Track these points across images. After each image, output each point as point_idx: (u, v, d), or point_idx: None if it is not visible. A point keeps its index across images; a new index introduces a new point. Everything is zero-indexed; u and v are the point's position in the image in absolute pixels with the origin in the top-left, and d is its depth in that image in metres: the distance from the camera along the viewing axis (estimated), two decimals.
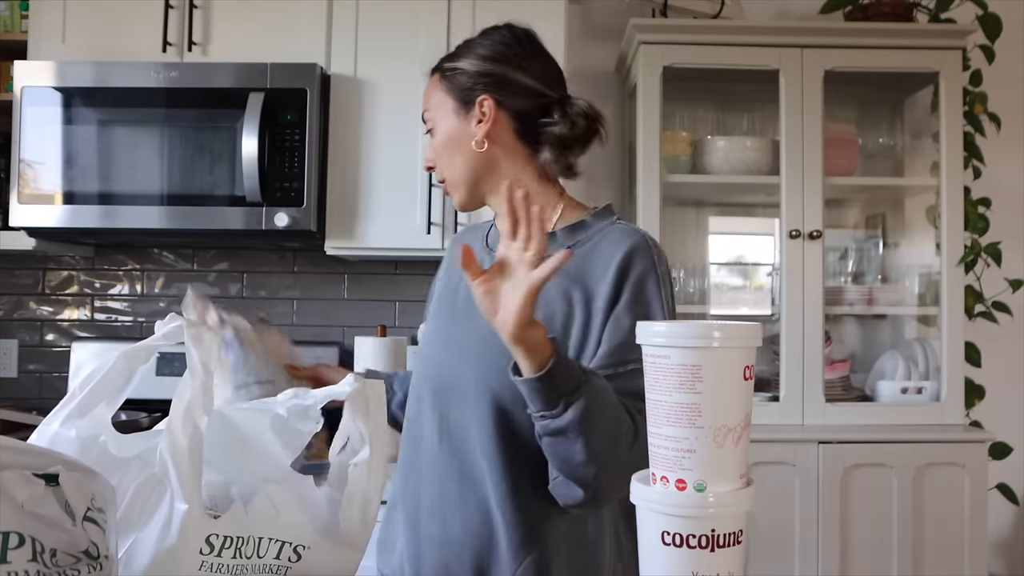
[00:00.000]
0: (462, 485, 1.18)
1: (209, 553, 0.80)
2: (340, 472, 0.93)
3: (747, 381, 0.78)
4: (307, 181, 2.25)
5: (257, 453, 0.90)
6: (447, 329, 1.29)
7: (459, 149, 1.25)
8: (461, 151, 1.25)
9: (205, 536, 0.80)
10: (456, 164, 1.25)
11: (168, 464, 0.80)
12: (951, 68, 2.38)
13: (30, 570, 0.67)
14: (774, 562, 2.23)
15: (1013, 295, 2.52)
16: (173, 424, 0.82)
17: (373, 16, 2.37)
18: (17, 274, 2.72)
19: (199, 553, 0.79)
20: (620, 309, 1.14)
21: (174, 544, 0.79)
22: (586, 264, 1.18)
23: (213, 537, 0.80)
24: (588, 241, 1.21)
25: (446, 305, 1.32)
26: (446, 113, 1.25)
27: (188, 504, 0.79)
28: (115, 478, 0.84)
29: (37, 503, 0.69)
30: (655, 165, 2.36)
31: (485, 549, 1.15)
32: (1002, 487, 2.51)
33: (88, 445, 0.86)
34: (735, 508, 0.77)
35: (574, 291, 1.17)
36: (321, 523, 0.89)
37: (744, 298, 2.76)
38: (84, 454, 0.85)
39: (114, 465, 0.86)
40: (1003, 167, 2.70)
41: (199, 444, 0.82)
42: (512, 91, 1.24)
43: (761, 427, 1.83)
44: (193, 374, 0.84)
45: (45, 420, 0.88)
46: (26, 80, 2.28)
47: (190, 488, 0.80)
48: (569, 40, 2.39)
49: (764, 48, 2.38)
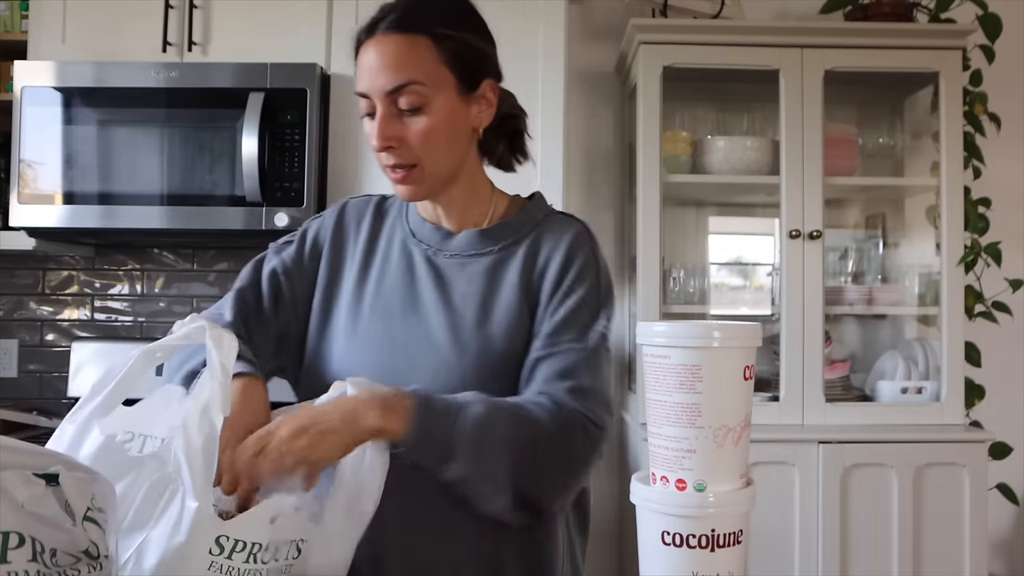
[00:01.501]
0: (419, 498, 1.04)
1: (219, 554, 0.80)
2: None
3: (747, 381, 0.78)
4: (307, 181, 2.25)
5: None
6: (381, 329, 1.12)
7: (455, 136, 1.09)
8: (457, 139, 1.10)
9: (215, 536, 0.80)
10: (445, 153, 1.09)
11: (182, 462, 0.81)
12: (951, 68, 2.38)
13: (30, 570, 0.66)
14: (774, 562, 2.23)
15: (1013, 295, 2.52)
16: (189, 423, 0.82)
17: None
18: (17, 274, 2.72)
19: (208, 553, 0.79)
20: (559, 293, 1.11)
21: (183, 542, 0.79)
22: (531, 257, 1.14)
23: (224, 539, 0.80)
24: (529, 234, 1.15)
25: (367, 297, 1.15)
26: (447, 91, 1.07)
27: (199, 502, 0.79)
28: (130, 476, 0.85)
29: (37, 503, 0.69)
30: (655, 165, 2.36)
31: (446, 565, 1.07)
32: (1002, 487, 2.51)
33: (108, 444, 0.87)
34: (735, 508, 0.77)
35: (527, 285, 1.13)
36: (313, 512, 0.89)
37: (744, 298, 2.76)
38: (105, 452, 0.86)
39: (131, 463, 0.86)
40: (1003, 167, 2.70)
41: (213, 444, 0.82)
42: (499, 77, 1.15)
43: (761, 427, 1.83)
44: (212, 375, 0.85)
45: (67, 418, 0.89)
46: (26, 80, 2.28)
47: (201, 486, 0.80)
48: (569, 40, 2.39)
49: (764, 48, 2.38)
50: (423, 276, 1.14)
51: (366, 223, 1.21)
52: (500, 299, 1.12)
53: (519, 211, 1.18)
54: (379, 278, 1.16)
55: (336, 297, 1.17)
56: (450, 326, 1.10)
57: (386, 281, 1.15)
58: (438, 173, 1.10)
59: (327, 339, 1.15)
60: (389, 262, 1.17)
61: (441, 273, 1.14)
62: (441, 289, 1.13)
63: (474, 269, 1.13)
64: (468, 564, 1.07)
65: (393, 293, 1.14)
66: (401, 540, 1.05)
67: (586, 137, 2.74)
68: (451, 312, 1.11)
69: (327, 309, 1.17)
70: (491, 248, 1.15)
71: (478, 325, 1.10)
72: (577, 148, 2.70)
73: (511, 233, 1.16)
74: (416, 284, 1.14)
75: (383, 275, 1.16)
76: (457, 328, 1.10)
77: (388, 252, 1.18)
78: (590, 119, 2.75)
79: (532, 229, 1.16)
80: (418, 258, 1.16)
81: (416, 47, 1.05)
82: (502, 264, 1.14)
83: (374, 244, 1.19)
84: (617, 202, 2.76)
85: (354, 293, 1.16)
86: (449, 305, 1.11)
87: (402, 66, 1.05)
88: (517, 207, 1.20)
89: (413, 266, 1.15)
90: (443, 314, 1.10)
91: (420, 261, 1.15)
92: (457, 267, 1.14)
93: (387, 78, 1.05)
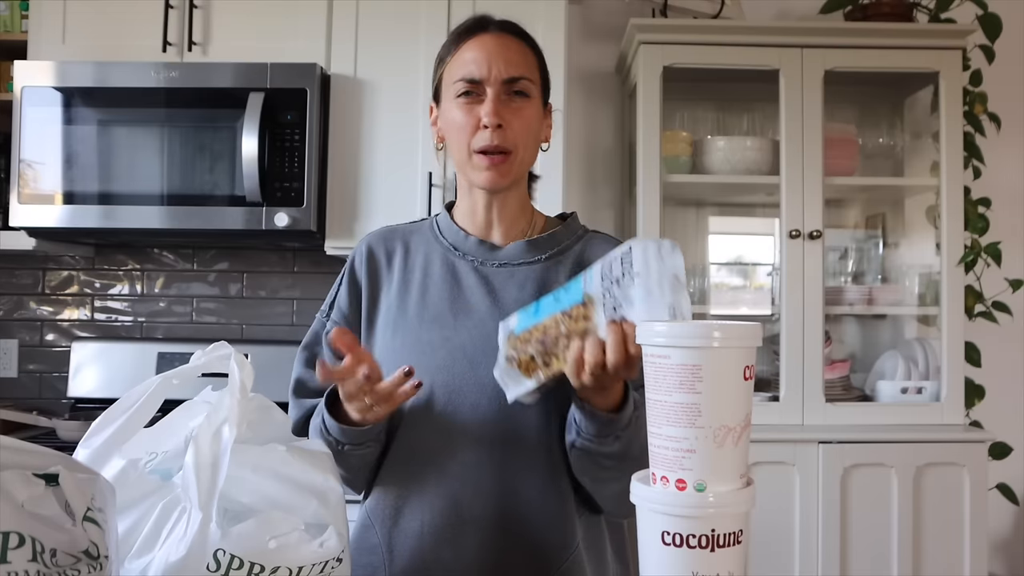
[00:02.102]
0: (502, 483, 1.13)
1: (216, 570, 0.80)
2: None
3: (747, 381, 0.78)
4: (307, 181, 2.25)
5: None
6: (436, 336, 1.18)
7: (537, 137, 1.21)
8: (537, 140, 1.22)
9: (214, 549, 0.80)
10: (533, 148, 1.21)
11: (190, 473, 0.81)
12: (951, 68, 2.38)
13: (30, 570, 0.66)
14: (774, 562, 2.23)
15: (1013, 295, 2.52)
16: (201, 437, 0.83)
17: (373, 16, 2.37)
18: (17, 274, 2.72)
19: (207, 569, 0.79)
20: None
21: (183, 556, 0.79)
22: (581, 267, 1.18)
23: (220, 552, 0.80)
24: (574, 246, 1.24)
25: (412, 308, 1.21)
26: (538, 98, 1.20)
27: (203, 513, 0.80)
28: (151, 499, 0.86)
29: (37, 503, 0.69)
30: (655, 165, 2.36)
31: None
32: (1002, 487, 2.51)
33: (128, 469, 0.88)
34: (735, 508, 0.77)
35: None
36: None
37: (744, 298, 2.76)
38: (125, 477, 0.87)
39: (152, 488, 0.87)
40: (1003, 167, 2.70)
41: (223, 460, 0.82)
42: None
43: (761, 427, 1.83)
44: (232, 392, 0.85)
45: (81, 442, 0.90)
46: (26, 80, 2.28)
47: (206, 499, 0.80)
48: (569, 40, 2.39)
49: (764, 48, 2.38)
50: (471, 285, 1.19)
51: (398, 248, 1.26)
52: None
53: (562, 225, 1.26)
54: (422, 291, 1.21)
55: (376, 317, 1.23)
56: None
57: (431, 292, 1.20)
58: (523, 166, 1.20)
59: (370, 353, 1.20)
60: (431, 276, 1.21)
61: (490, 281, 1.19)
62: (492, 296, 1.18)
63: (524, 275, 1.20)
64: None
65: (441, 302, 1.19)
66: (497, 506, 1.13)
67: (586, 137, 2.74)
68: (505, 314, 1.14)
69: (370, 329, 1.23)
70: (539, 257, 1.21)
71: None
72: (577, 148, 2.70)
73: (556, 244, 1.23)
74: (464, 293, 1.19)
75: (426, 288, 1.21)
76: None
77: (428, 268, 1.22)
78: (590, 119, 2.75)
79: (575, 242, 1.24)
80: (463, 269, 1.21)
81: (527, 54, 1.20)
82: (551, 271, 1.20)
83: (411, 263, 1.24)
84: (617, 202, 2.76)
85: (397, 308, 1.21)
86: (502, 309, 1.16)
87: (520, 63, 1.18)
88: (556, 223, 1.28)
89: (459, 277, 1.20)
90: (498, 318, 1.14)
91: (466, 272, 1.20)
92: (506, 275, 1.20)
93: (508, 67, 1.16)
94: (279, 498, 0.88)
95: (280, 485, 0.88)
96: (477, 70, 1.15)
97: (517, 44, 1.19)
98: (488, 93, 1.15)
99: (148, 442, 0.91)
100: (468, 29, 1.19)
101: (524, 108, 1.17)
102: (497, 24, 1.19)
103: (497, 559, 1.11)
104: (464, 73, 1.16)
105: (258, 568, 0.81)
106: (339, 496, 0.90)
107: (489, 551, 1.11)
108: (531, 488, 1.13)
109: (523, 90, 1.17)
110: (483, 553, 1.11)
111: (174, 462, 0.89)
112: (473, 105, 1.16)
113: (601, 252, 1.20)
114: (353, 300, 1.25)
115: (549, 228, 1.25)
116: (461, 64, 1.17)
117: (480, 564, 1.11)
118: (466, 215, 1.24)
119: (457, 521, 1.12)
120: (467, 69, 1.16)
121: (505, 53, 1.17)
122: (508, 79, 1.16)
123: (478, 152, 1.16)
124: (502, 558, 1.11)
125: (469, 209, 1.24)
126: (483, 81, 1.15)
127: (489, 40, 1.17)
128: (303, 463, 0.89)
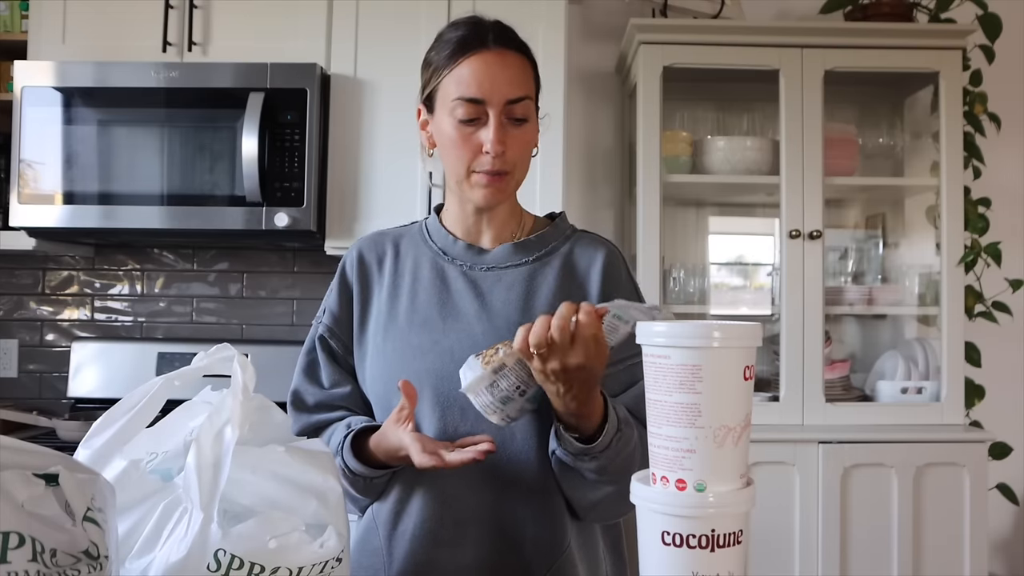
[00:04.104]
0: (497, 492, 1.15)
1: (216, 570, 0.80)
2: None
3: (747, 381, 0.78)
4: (307, 181, 2.25)
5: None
6: (425, 339, 1.18)
7: (530, 152, 1.20)
8: (530, 154, 1.21)
9: (215, 549, 0.80)
10: (527, 165, 1.20)
11: (192, 474, 0.81)
12: (951, 68, 2.38)
13: (30, 570, 0.66)
14: (774, 562, 2.23)
15: (1013, 295, 2.52)
16: (203, 438, 0.83)
17: (373, 16, 2.37)
18: (17, 274, 2.72)
19: (207, 569, 0.79)
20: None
21: (184, 556, 0.79)
22: (569, 267, 1.22)
23: (220, 553, 0.80)
24: (562, 247, 1.24)
25: (402, 313, 1.21)
26: (534, 116, 1.19)
27: (204, 513, 0.80)
28: (152, 500, 0.86)
29: (37, 503, 0.69)
30: (655, 165, 2.36)
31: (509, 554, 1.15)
32: (1002, 487, 2.51)
33: (130, 470, 0.88)
34: (735, 508, 0.77)
35: (567, 293, 1.18)
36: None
37: (744, 298, 2.76)
38: (127, 477, 0.87)
39: (153, 488, 0.88)
40: (1003, 167, 2.70)
41: (225, 461, 0.83)
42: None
43: (761, 427, 1.83)
44: (234, 394, 0.86)
45: (82, 443, 0.90)
46: (26, 80, 2.28)
47: (207, 500, 0.80)
48: (569, 40, 2.39)
49: (764, 48, 2.38)
50: (460, 289, 1.20)
51: (388, 252, 1.26)
52: (540, 303, 1.18)
53: (550, 226, 1.26)
54: (411, 295, 1.21)
55: (367, 321, 1.24)
56: (493, 330, 1.16)
57: (420, 297, 1.21)
58: (518, 183, 1.20)
59: (362, 357, 1.23)
60: (420, 281, 1.22)
61: (478, 285, 1.20)
62: (480, 299, 1.19)
63: (512, 278, 1.20)
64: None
65: (430, 306, 1.20)
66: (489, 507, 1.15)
67: (586, 137, 2.74)
68: (493, 317, 1.17)
69: (362, 332, 1.24)
70: (526, 259, 1.22)
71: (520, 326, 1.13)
72: (577, 148, 2.70)
73: (544, 245, 1.23)
74: (452, 297, 1.20)
75: (415, 293, 1.21)
76: (501, 331, 1.15)
77: (417, 272, 1.23)
78: (590, 119, 2.75)
79: (564, 243, 1.24)
80: (452, 273, 1.21)
81: (526, 67, 1.18)
82: (539, 272, 1.21)
83: (400, 267, 1.25)
84: (617, 202, 2.76)
85: (387, 312, 1.22)
86: (490, 312, 1.18)
87: (521, 81, 1.16)
88: (544, 223, 1.28)
89: (447, 281, 1.21)
90: (486, 321, 1.16)
91: (455, 276, 1.21)
92: (494, 278, 1.20)
93: (512, 89, 1.14)
94: (279, 498, 0.88)
95: (280, 485, 0.88)
96: (479, 91, 1.13)
97: (517, 60, 1.16)
98: (491, 117, 1.13)
99: (148, 442, 0.91)
100: (466, 42, 1.15)
101: (524, 131, 1.16)
102: (495, 37, 1.16)
103: (491, 559, 1.13)
104: (465, 93, 1.13)
105: (258, 568, 0.81)
106: (339, 496, 0.90)
107: (484, 552, 1.13)
108: (522, 489, 1.14)
109: (524, 116, 1.15)
110: (478, 553, 1.13)
111: (174, 462, 0.89)
112: (475, 129, 1.14)
113: (588, 251, 1.24)
114: (345, 305, 1.25)
115: (538, 229, 1.26)
116: (460, 82, 1.14)
117: (475, 565, 1.12)
118: (456, 220, 1.24)
119: (451, 523, 1.14)
120: (468, 90, 1.13)
121: (506, 73, 1.14)
122: (513, 100, 1.14)
123: (482, 172, 1.15)
124: (496, 558, 1.13)
125: (459, 214, 1.24)
126: (485, 103, 1.13)
127: (491, 59, 1.14)
128: (303, 463, 0.89)
